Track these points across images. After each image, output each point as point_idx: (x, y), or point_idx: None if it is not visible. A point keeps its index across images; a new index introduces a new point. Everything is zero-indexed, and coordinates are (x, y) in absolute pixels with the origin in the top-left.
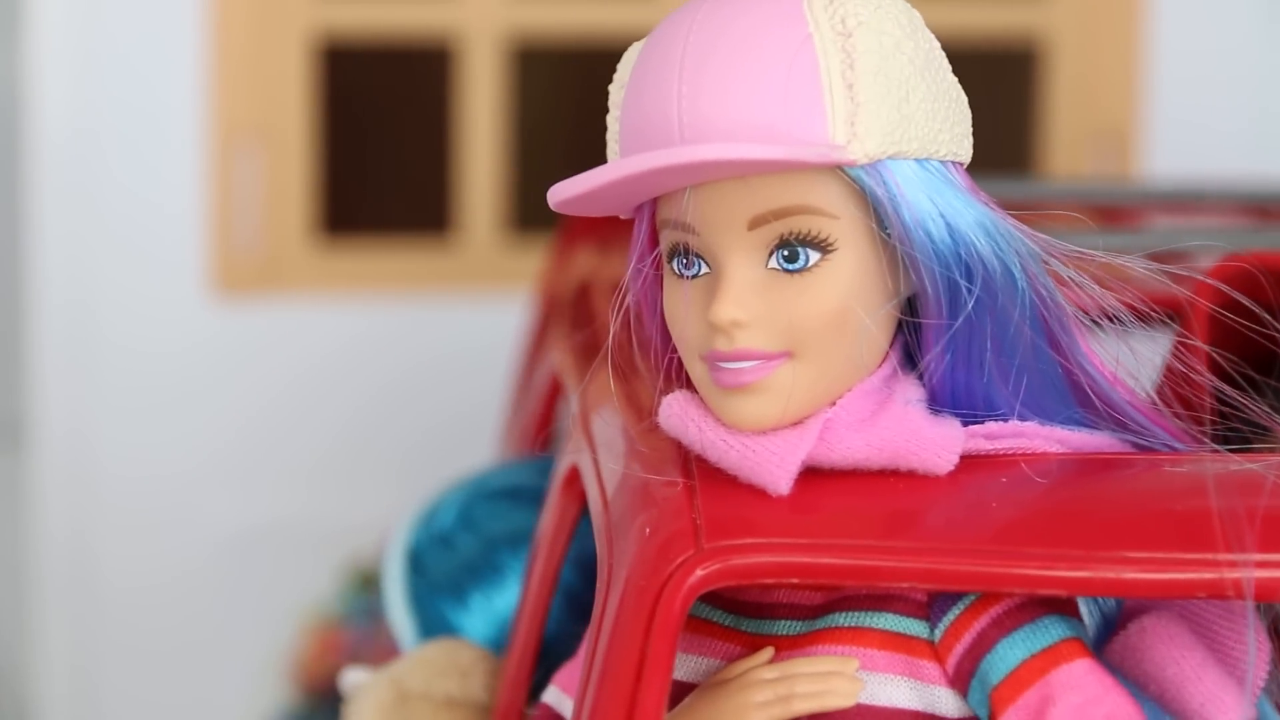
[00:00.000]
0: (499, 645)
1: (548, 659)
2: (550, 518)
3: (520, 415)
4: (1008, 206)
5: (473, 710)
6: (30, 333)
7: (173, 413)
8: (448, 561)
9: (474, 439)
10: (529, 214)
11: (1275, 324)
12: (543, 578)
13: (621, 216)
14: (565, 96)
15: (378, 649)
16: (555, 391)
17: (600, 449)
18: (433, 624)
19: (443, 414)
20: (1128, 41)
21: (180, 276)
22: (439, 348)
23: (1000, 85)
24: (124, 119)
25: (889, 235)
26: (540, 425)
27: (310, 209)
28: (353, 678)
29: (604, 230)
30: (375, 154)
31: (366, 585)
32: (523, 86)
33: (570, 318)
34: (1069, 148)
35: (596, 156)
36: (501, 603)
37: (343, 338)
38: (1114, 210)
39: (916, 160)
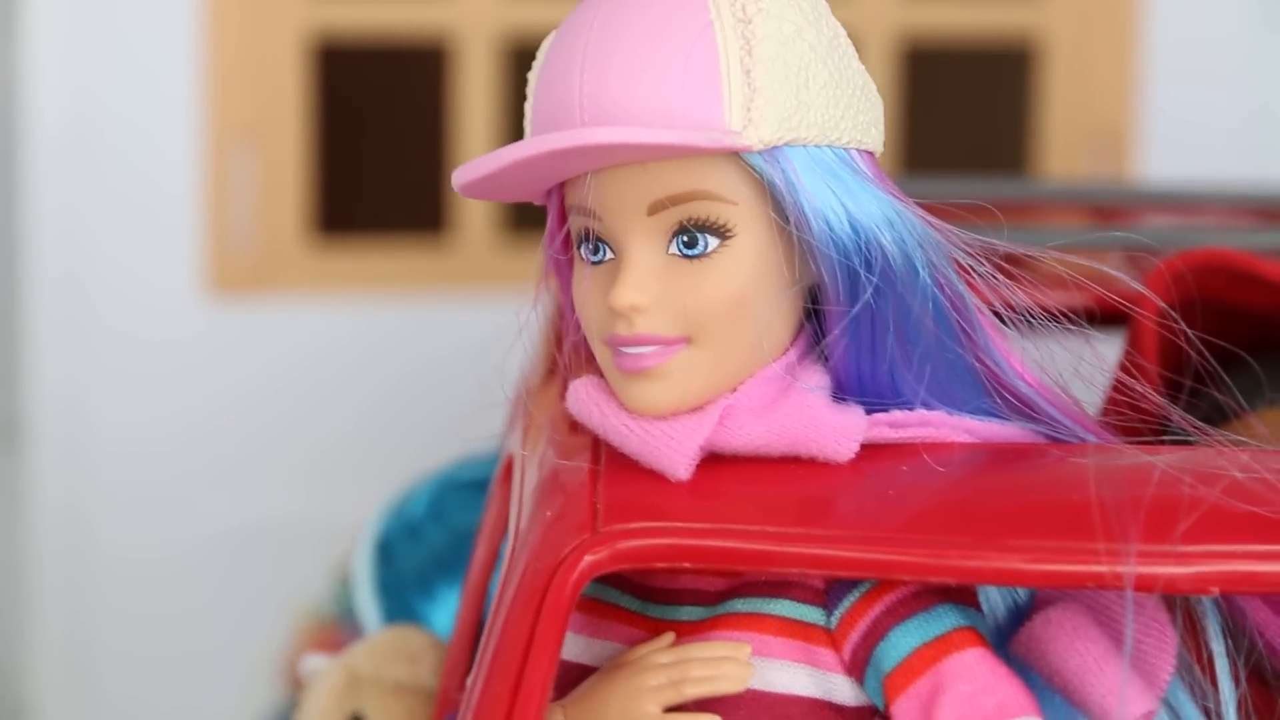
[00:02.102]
0: None
1: None
2: (491, 506)
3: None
4: (1002, 206)
5: (421, 696)
6: (26, 330)
7: (168, 411)
8: (416, 553)
9: (471, 439)
10: (525, 214)
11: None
12: (483, 565)
13: (535, 203)
14: None
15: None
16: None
17: (530, 437)
18: (401, 615)
19: (439, 414)
20: (1123, 41)
21: (175, 275)
22: (435, 347)
23: (995, 85)
24: (119, 118)
25: (788, 222)
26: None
27: (305, 208)
28: (311, 664)
29: None
30: (370, 153)
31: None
32: (518, 86)
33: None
34: (1064, 148)
35: None
36: None
37: (338, 337)
38: (1109, 210)
39: (816, 147)
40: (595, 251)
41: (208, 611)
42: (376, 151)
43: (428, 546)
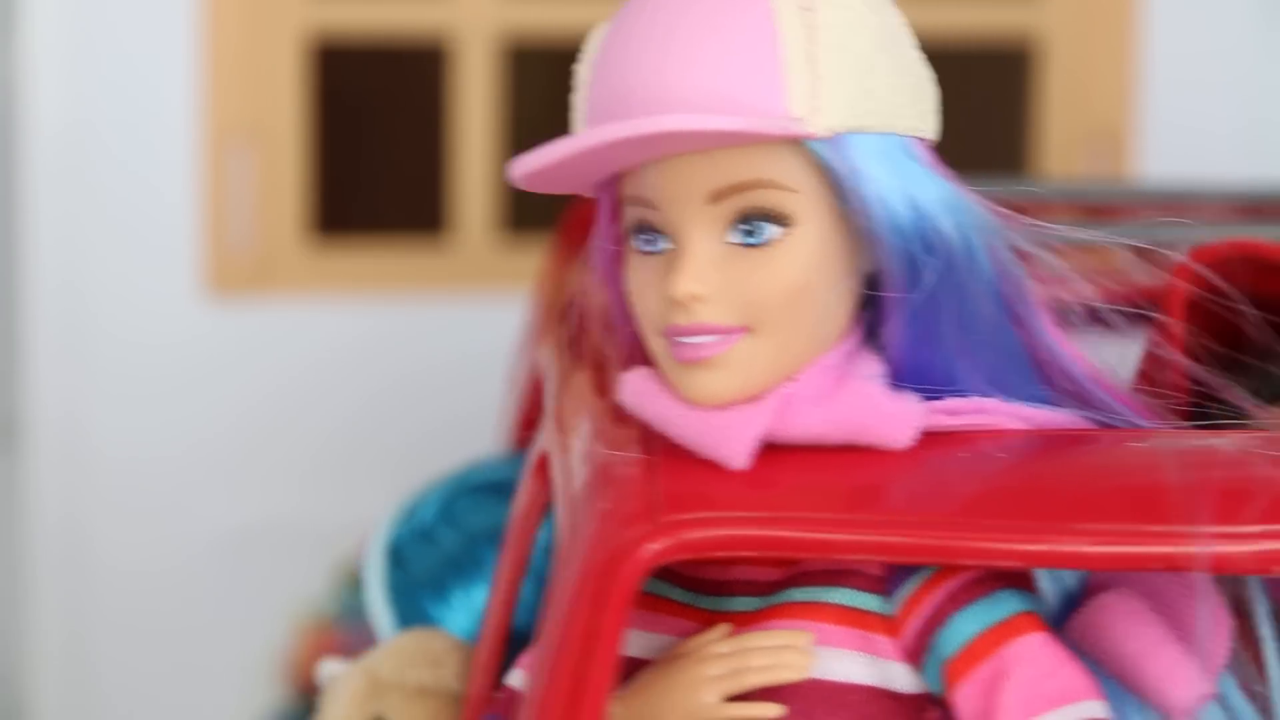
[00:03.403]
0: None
1: (519, 647)
2: (520, 505)
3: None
4: (1001, 206)
5: (445, 699)
6: (25, 332)
7: (167, 412)
8: (429, 556)
9: (469, 439)
10: (523, 214)
11: (1250, 308)
12: (513, 565)
13: (587, 195)
14: (559, 96)
15: (370, 648)
16: (540, 388)
17: (569, 433)
18: (413, 619)
19: (437, 414)
20: (1121, 42)
21: (174, 276)
22: (433, 348)
23: (994, 86)
24: (118, 118)
25: (850, 210)
26: (526, 421)
27: (304, 208)
28: (329, 669)
29: None
30: (369, 153)
31: (358, 585)
32: (516, 86)
33: (565, 318)
34: (1062, 149)
35: None
36: (482, 598)
37: (336, 338)
38: (1107, 211)
39: (878, 135)
40: (651, 242)
41: (206, 613)
42: (375, 152)
43: (440, 549)
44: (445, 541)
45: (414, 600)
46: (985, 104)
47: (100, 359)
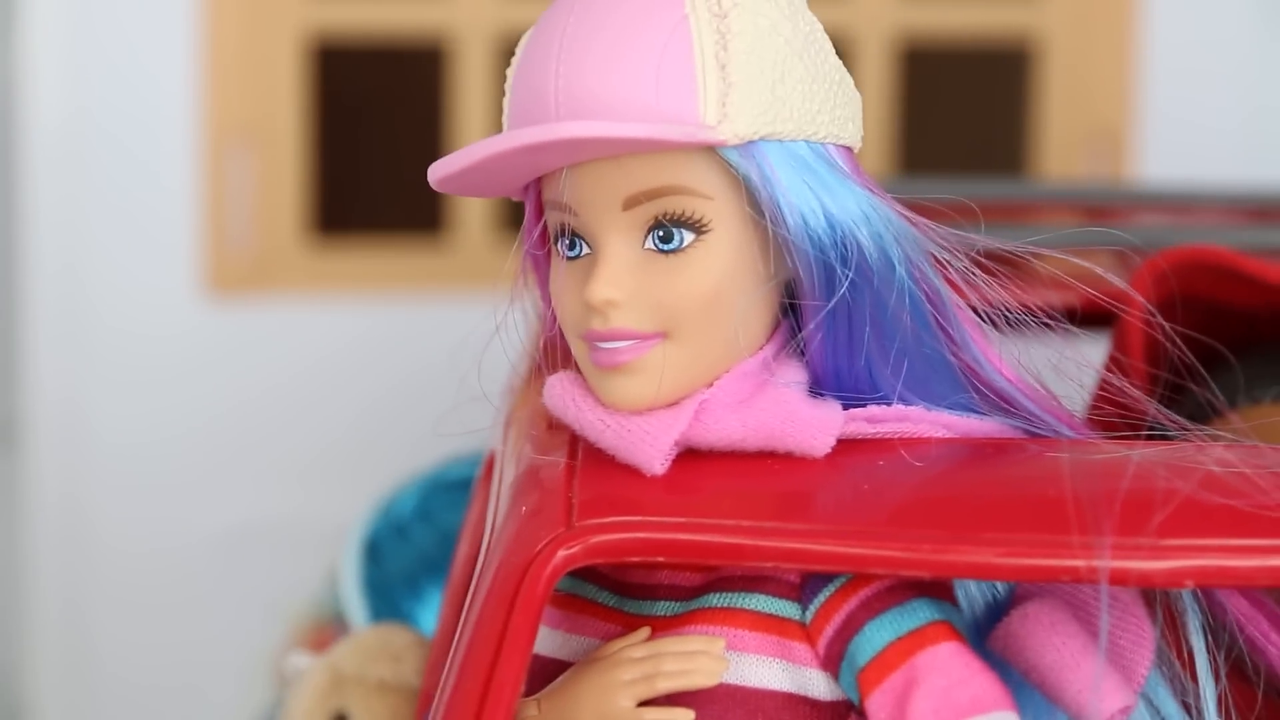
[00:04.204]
0: None
1: None
2: (474, 505)
3: None
4: (1000, 207)
5: (405, 694)
6: (25, 329)
7: (165, 412)
8: (404, 553)
9: (468, 438)
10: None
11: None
12: (465, 563)
13: (513, 199)
14: None
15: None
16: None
17: (510, 434)
18: (389, 615)
19: (436, 414)
20: (1121, 42)
21: (173, 274)
22: (432, 347)
23: (993, 86)
24: (116, 118)
25: (764, 217)
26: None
27: (303, 208)
28: (295, 662)
29: None
30: (368, 153)
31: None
32: None
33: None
34: (1062, 148)
35: None
36: None
37: (335, 337)
38: (1106, 210)
39: (792, 142)
40: (571, 247)
41: (206, 609)
42: (374, 151)
43: (416, 546)
44: (420, 538)
45: (389, 596)
46: (985, 104)
47: (100, 358)
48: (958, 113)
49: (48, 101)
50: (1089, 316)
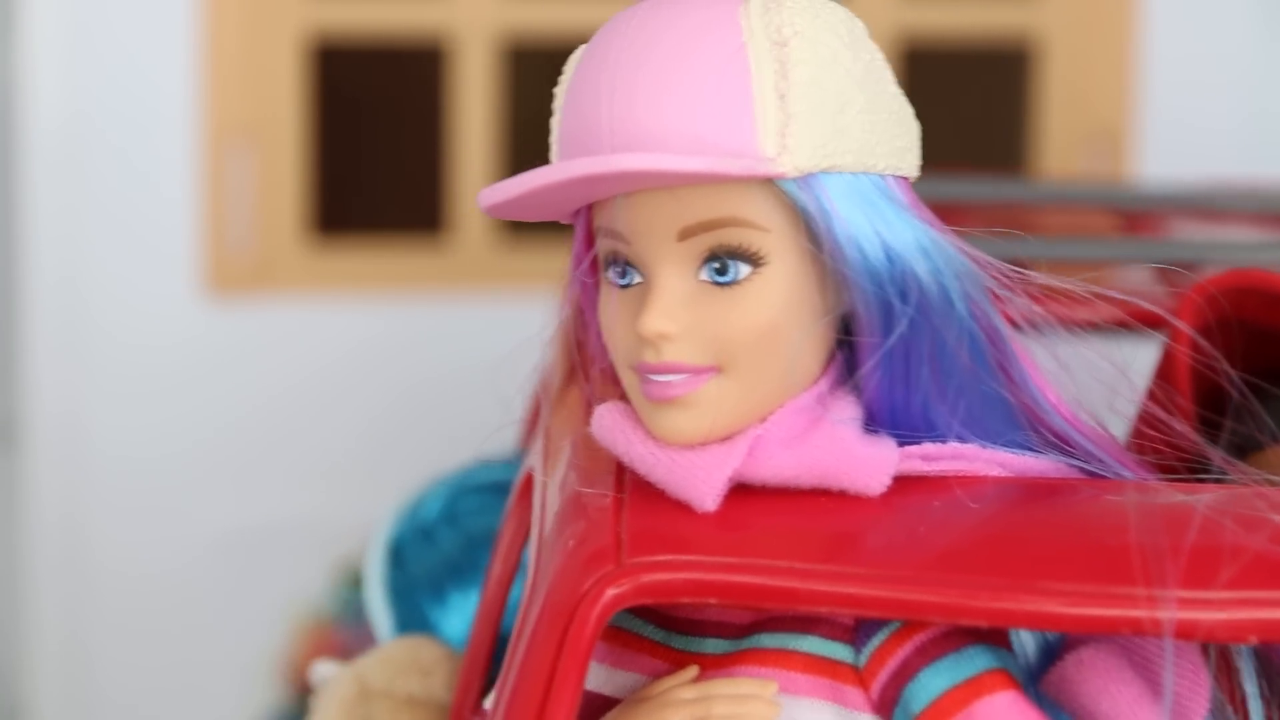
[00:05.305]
0: None
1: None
2: (509, 521)
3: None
4: (1000, 207)
5: (434, 709)
6: (25, 332)
7: (165, 413)
8: (428, 557)
9: (468, 439)
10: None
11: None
12: (499, 580)
13: (562, 222)
14: None
15: (369, 648)
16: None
17: (552, 456)
18: (411, 620)
19: (437, 414)
20: (1121, 42)
21: (174, 276)
22: (433, 347)
23: (993, 86)
24: (117, 119)
25: (822, 250)
26: (533, 422)
27: (303, 208)
28: (321, 671)
29: None
30: (368, 153)
31: (359, 584)
32: (516, 86)
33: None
34: (1062, 148)
35: None
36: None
37: (336, 338)
38: (1105, 211)
39: (852, 174)
40: (623, 275)
41: (204, 614)
42: (374, 152)
43: (440, 550)
44: (445, 542)
45: (412, 601)
46: (985, 104)
47: (99, 359)
48: (958, 112)
49: (47, 102)
50: (1133, 335)
